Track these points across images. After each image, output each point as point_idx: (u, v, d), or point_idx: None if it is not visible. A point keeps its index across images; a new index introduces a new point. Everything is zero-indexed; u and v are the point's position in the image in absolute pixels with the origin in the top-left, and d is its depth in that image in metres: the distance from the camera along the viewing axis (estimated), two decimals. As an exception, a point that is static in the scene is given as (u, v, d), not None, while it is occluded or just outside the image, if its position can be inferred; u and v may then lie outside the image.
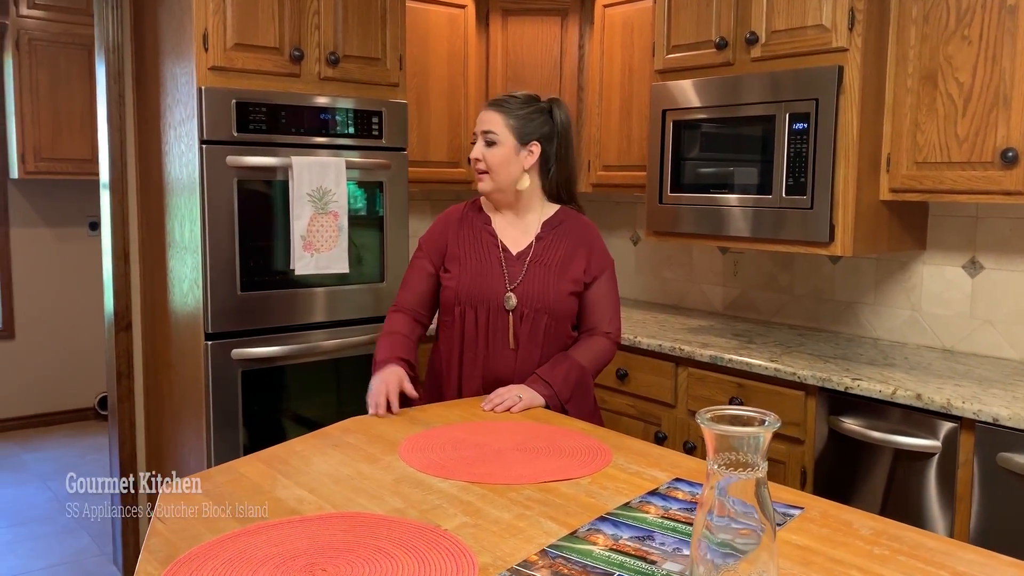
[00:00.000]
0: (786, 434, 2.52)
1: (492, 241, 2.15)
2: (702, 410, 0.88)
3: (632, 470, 1.56)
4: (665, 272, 3.70)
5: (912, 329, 2.88)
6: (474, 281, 2.11)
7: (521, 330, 2.09)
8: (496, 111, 2.12)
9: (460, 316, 2.11)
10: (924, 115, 2.46)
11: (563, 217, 2.20)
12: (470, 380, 2.11)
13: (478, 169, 2.12)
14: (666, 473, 1.54)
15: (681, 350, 2.79)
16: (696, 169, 2.94)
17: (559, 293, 2.11)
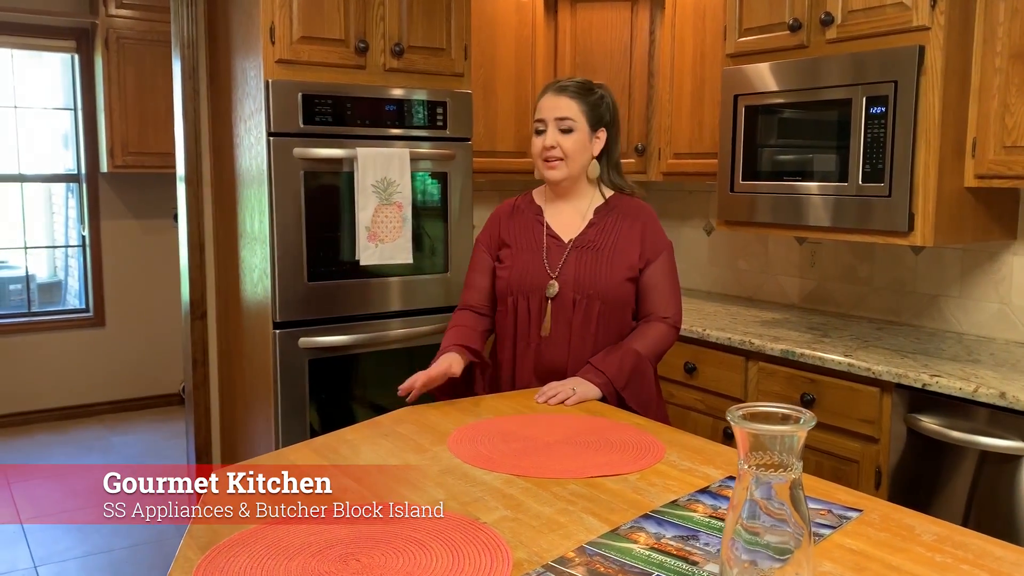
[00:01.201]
0: (860, 432, 2.42)
1: (541, 230, 2.13)
2: (733, 407, 0.83)
3: (684, 467, 1.51)
4: (740, 263, 3.60)
5: (1001, 324, 2.71)
6: (524, 270, 2.09)
7: (573, 318, 2.05)
8: (570, 97, 2.09)
9: (512, 306, 2.10)
10: (1014, 96, 2.30)
11: (616, 202, 2.15)
12: (523, 370, 2.09)
13: (552, 156, 2.08)
14: (720, 471, 1.49)
15: (751, 343, 2.70)
16: (769, 156, 2.84)
17: (612, 279, 2.07)
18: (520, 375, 2.09)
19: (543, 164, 2.09)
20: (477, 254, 2.21)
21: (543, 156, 2.08)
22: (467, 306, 2.19)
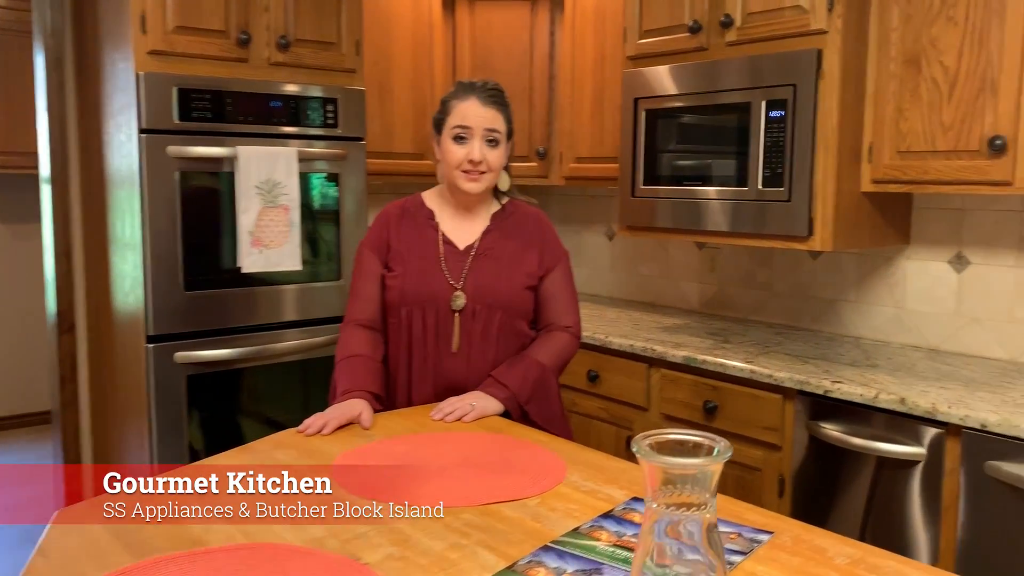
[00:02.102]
0: (763, 440, 2.39)
1: (435, 236, 1.99)
2: (639, 436, 0.73)
3: (586, 488, 1.41)
4: (641, 268, 3.56)
5: (896, 327, 2.74)
6: (419, 280, 1.94)
7: (473, 329, 1.93)
8: (497, 108, 1.95)
9: (407, 318, 1.95)
10: (907, 101, 2.32)
11: (512, 209, 2.05)
12: (420, 387, 1.95)
13: (477, 170, 1.94)
14: (624, 491, 1.39)
15: (653, 350, 2.64)
16: (670, 160, 2.79)
17: (512, 287, 1.96)
18: (418, 393, 1.95)
19: (463, 176, 1.94)
20: (364, 260, 2.01)
21: (465, 168, 1.93)
22: (358, 322, 1.99)
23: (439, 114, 1.98)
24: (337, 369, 1.93)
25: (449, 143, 1.93)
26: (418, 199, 2.05)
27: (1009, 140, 2.11)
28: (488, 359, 1.95)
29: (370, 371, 1.90)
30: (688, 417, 2.56)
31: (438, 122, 1.98)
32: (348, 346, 1.95)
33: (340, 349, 1.96)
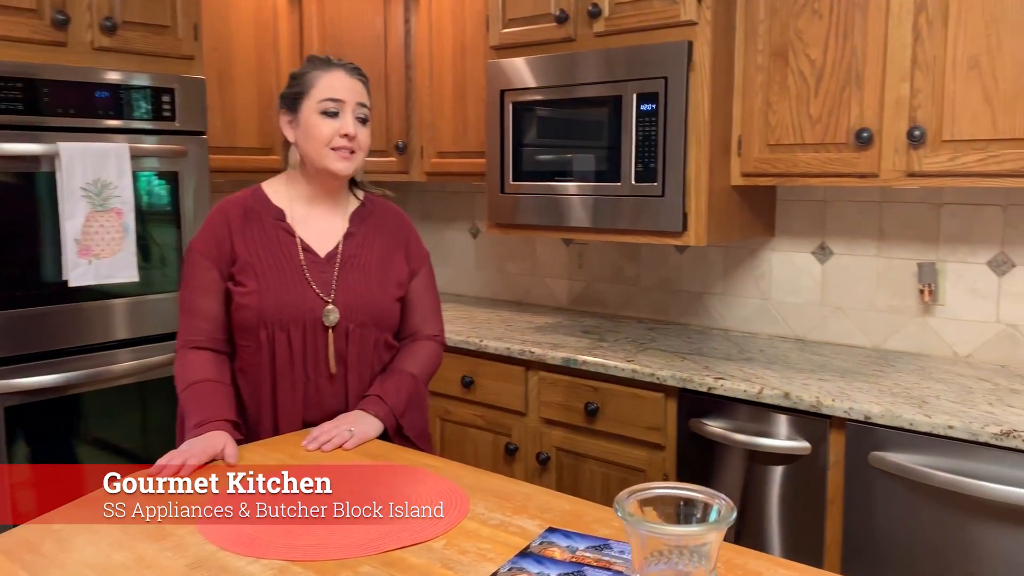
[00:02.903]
0: (646, 440, 2.34)
1: (291, 241, 1.74)
2: (624, 494, 0.60)
3: (495, 521, 1.27)
4: (508, 266, 3.45)
5: (763, 319, 2.77)
6: (281, 295, 1.70)
7: (349, 350, 1.74)
8: (363, 83, 1.77)
9: (268, 341, 1.69)
10: (776, 94, 2.32)
11: (372, 207, 1.86)
12: (288, 416, 1.72)
13: (350, 148, 1.73)
14: (536, 522, 1.27)
15: (531, 353, 2.54)
16: (540, 155, 2.69)
17: (386, 300, 1.78)
18: (285, 424, 1.72)
19: (334, 154, 1.72)
20: (198, 270, 1.71)
21: (336, 145, 1.71)
22: (197, 343, 1.70)
23: (295, 88, 1.74)
24: (183, 399, 1.66)
25: (316, 118, 1.71)
26: (260, 194, 1.79)
27: (875, 132, 2.15)
28: (366, 380, 1.78)
29: (223, 397, 1.66)
30: (569, 420, 2.48)
31: (294, 97, 1.74)
32: (191, 371, 1.68)
33: (182, 376, 1.69)
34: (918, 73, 2.07)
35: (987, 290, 2.34)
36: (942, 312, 2.42)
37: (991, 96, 1.97)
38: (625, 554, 1.13)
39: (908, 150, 2.10)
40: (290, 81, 1.78)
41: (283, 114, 1.77)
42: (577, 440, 2.47)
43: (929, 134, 2.06)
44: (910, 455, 1.88)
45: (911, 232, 2.45)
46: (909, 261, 2.46)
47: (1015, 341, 2.30)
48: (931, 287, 2.42)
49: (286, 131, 1.76)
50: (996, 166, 1.98)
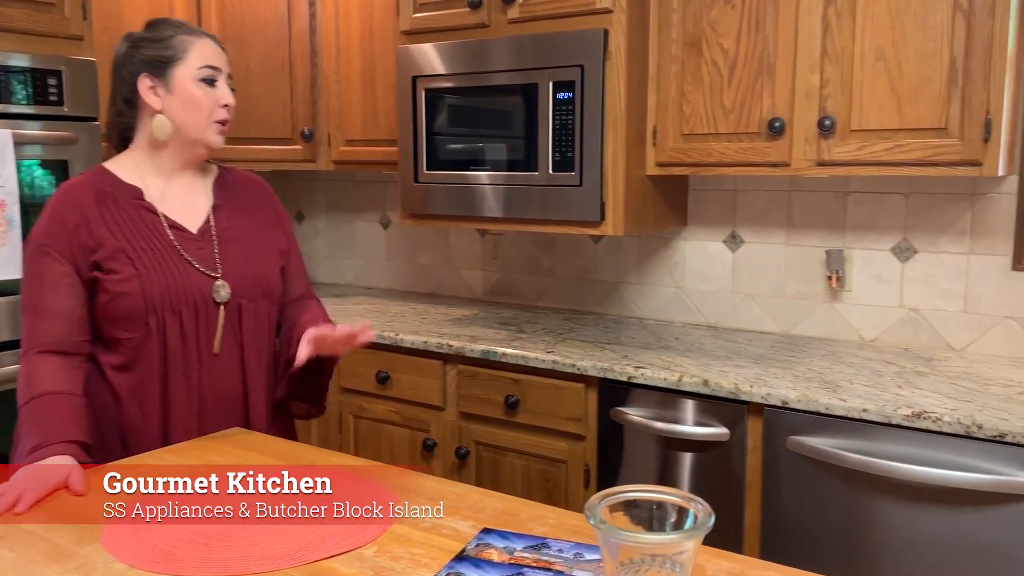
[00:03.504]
0: (567, 431, 2.32)
1: (155, 220, 1.61)
2: (595, 499, 0.56)
3: (426, 523, 1.22)
4: (421, 258, 3.38)
5: (677, 307, 2.80)
6: (164, 277, 1.57)
7: (243, 326, 1.65)
8: (224, 52, 1.68)
9: (159, 327, 1.56)
10: (690, 84, 2.33)
11: (231, 177, 1.77)
12: (181, 411, 1.60)
13: (227, 119, 1.65)
14: (469, 523, 1.22)
15: (449, 346, 2.49)
16: (454, 144, 2.64)
17: (272, 271, 1.72)
18: (178, 420, 1.60)
19: (216, 127, 1.63)
20: (47, 264, 1.54)
21: (218, 116, 1.62)
22: (46, 348, 1.52)
23: (163, 51, 1.60)
24: (22, 415, 1.47)
25: (196, 87, 1.60)
26: (107, 175, 1.63)
27: (786, 122, 2.18)
28: (264, 359, 1.71)
29: (69, 413, 1.48)
30: (489, 414, 2.44)
31: (163, 62, 1.60)
32: (35, 382, 1.49)
33: (24, 388, 1.49)
34: (828, 64, 2.11)
35: (891, 276, 2.42)
36: (848, 298, 2.49)
37: (897, 87, 2.03)
38: (564, 552, 1.10)
39: (818, 139, 2.14)
40: (148, 43, 1.61)
41: (145, 79, 1.60)
42: (497, 433, 2.44)
43: (839, 124, 2.11)
44: (826, 438, 1.93)
45: (819, 220, 2.52)
46: (817, 249, 2.53)
47: (917, 325, 2.39)
48: (838, 274, 2.48)
49: (149, 98, 1.61)
50: (902, 155, 2.04)
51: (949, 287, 2.33)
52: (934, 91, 1.99)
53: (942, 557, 1.81)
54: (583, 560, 1.07)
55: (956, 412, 1.79)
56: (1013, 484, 1.72)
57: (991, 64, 1.92)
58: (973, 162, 1.96)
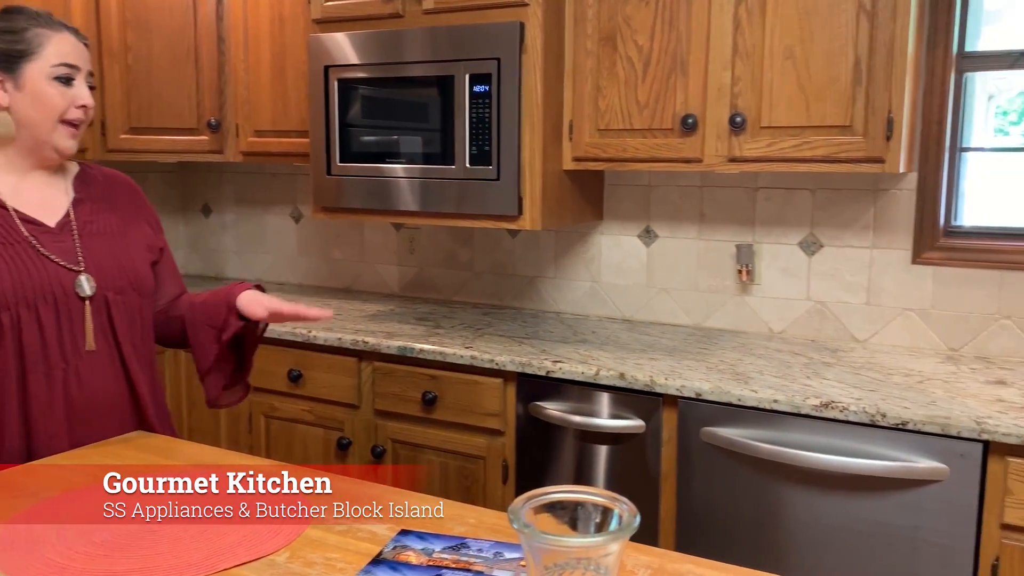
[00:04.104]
0: (485, 426, 2.31)
1: (5, 215, 1.50)
2: (519, 501, 0.54)
3: (341, 527, 1.19)
4: (334, 252, 3.31)
5: (593, 301, 2.81)
6: (17, 271, 1.47)
7: (116, 322, 1.57)
8: (87, 47, 1.59)
9: (13, 325, 1.45)
10: (605, 79, 2.34)
11: (92, 171, 1.69)
12: (44, 412, 1.49)
13: (80, 121, 1.55)
14: (386, 524, 1.19)
15: (365, 342, 2.44)
16: (369, 136, 2.58)
17: (140, 263, 1.65)
18: (39, 422, 1.49)
19: (63, 129, 1.53)
20: None
21: (70, 117, 1.53)
22: None
23: (15, 45, 1.50)
24: None
25: (48, 85, 1.51)
26: None
27: (699, 119, 2.21)
28: (144, 357, 1.63)
29: None
30: (405, 411, 2.40)
31: (13, 56, 1.50)
32: None
33: None
34: (739, 61, 2.15)
35: (798, 269, 2.48)
36: (758, 291, 2.55)
37: (805, 85, 2.08)
38: (484, 552, 1.09)
39: (730, 136, 2.18)
40: (1, 35, 1.52)
41: None
42: (414, 431, 2.40)
43: (749, 121, 2.15)
44: (738, 429, 1.97)
45: (730, 215, 2.57)
46: (728, 243, 2.58)
47: (823, 316, 2.46)
48: (748, 267, 2.54)
49: None
50: (809, 152, 2.10)
51: (853, 280, 2.41)
52: (840, 90, 2.05)
53: (849, 542, 1.87)
54: (503, 559, 1.06)
55: (861, 401, 1.85)
56: (914, 470, 1.79)
57: (892, 64, 1.99)
58: (876, 159, 2.03)
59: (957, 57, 2.28)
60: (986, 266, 2.25)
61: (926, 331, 2.34)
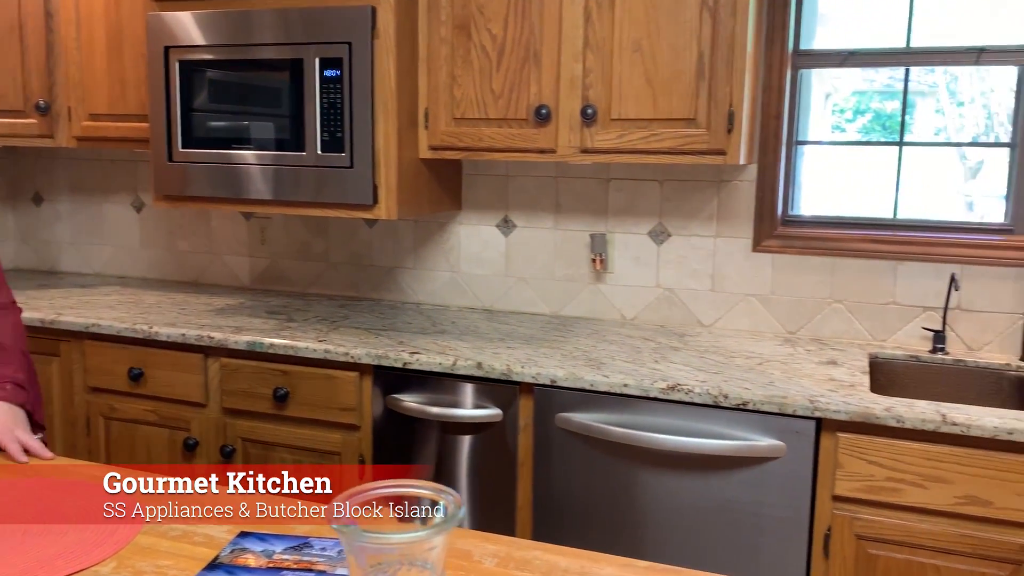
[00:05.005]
0: (341, 421, 2.25)
1: None
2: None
3: (176, 532, 1.12)
4: (179, 243, 3.14)
5: (453, 291, 2.80)
6: None
7: None
8: None
9: None
10: (460, 68, 2.32)
11: None
12: None
13: None
14: (225, 527, 1.13)
15: (210, 338, 2.33)
16: (214, 121, 2.46)
17: None
18: None
19: None
20: None
21: None
22: None
23: None
24: None
25: None
26: None
27: (552, 109, 2.23)
28: None
29: None
30: (256, 408, 2.31)
31: None
32: None
33: None
34: (589, 54, 2.18)
35: (648, 258, 2.56)
36: (611, 279, 2.61)
37: (652, 78, 2.14)
38: (327, 551, 1.05)
39: (582, 127, 2.21)
40: None
41: None
42: (266, 429, 2.32)
43: (600, 112, 2.19)
44: (591, 414, 2.00)
45: (584, 205, 2.61)
46: (583, 233, 2.62)
47: (671, 303, 2.54)
48: (602, 256, 2.59)
49: None
50: (657, 144, 2.15)
51: (699, 268, 2.51)
52: (685, 83, 2.11)
53: (698, 519, 1.94)
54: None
55: (705, 384, 1.92)
56: (755, 448, 1.87)
57: (733, 60, 2.07)
58: (718, 151, 2.11)
59: (793, 54, 2.40)
60: (820, 253, 2.39)
61: (766, 315, 2.46)
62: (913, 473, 1.77)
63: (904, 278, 2.33)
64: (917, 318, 2.32)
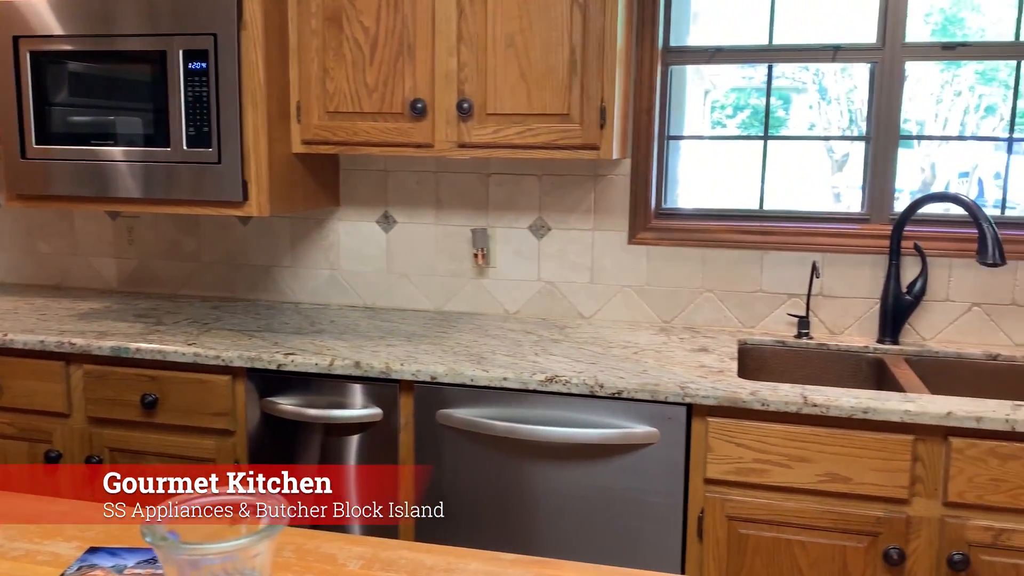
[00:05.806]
0: (213, 427, 2.17)
1: None
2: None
3: (18, 550, 1.05)
4: (40, 245, 2.96)
5: (333, 289, 2.75)
6: None
7: None
8: None
9: None
10: (332, 60, 2.28)
11: None
12: None
13: None
14: (73, 544, 1.07)
15: (72, 344, 2.20)
16: (74, 115, 2.33)
17: None
18: None
19: None
20: None
21: None
22: None
23: None
24: None
25: None
26: None
27: (428, 104, 2.21)
28: None
29: None
30: (123, 416, 2.21)
31: None
32: None
33: None
34: (464, 48, 2.17)
35: (529, 252, 2.57)
36: (494, 274, 2.61)
37: (526, 73, 2.15)
38: (184, 562, 1.01)
39: (458, 122, 2.20)
40: None
41: None
42: (134, 437, 2.21)
43: (476, 107, 2.19)
44: (473, 409, 2.00)
45: (465, 200, 2.60)
46: (464, 228, 2.61)
47: (552, 296, 2.57)
48: (483, 251, 2.59)
49: None
50: (532, 138, 2.17)
51: (578, 261, 2.54)
52: (558, 79, 2.13)
53: (582, 508, 1.97)
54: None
55: (582, 374, 1.95)
56: (631, 435, 1.91)
57: (604, 56, 2.10)
58: (592, 146, 2.14)
59: (663, 51, 2.46)
60: (692, 244, 2.46)
61: (642, 306, 2.51)
62: (778, 454, 1.84)
63: (770, 267, 2.42)
64: (783, 305, 2.42)
